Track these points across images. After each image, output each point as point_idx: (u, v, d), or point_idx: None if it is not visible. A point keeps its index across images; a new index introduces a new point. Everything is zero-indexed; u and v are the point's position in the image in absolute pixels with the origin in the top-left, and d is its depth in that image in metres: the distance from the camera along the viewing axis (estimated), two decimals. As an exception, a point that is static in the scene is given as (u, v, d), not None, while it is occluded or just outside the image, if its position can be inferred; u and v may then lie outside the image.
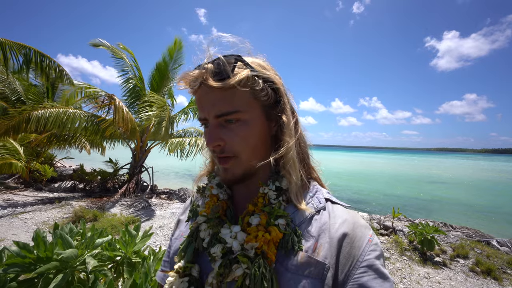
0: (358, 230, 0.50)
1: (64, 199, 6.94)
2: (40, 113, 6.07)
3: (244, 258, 0.46)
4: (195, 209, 0.62)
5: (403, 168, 38.90)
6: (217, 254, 0.49)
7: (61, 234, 1.37)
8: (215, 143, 0.49)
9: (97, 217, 5.19)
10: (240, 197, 0.60)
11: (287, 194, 0.54)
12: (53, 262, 1.33)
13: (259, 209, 0.52)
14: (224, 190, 0.59)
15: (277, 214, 0.51)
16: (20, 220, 5.14)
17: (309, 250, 0.47)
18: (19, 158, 7.98)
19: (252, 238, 0.48)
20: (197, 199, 0.64)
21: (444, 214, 9.75)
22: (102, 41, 7.44)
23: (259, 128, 0.51)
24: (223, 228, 0.52)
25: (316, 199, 0.55)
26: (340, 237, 0.48)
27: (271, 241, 0.47)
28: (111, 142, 8.89)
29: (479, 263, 4.02)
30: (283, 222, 0.49)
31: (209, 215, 0.55)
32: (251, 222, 0.50)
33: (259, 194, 0.54)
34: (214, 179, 0.62)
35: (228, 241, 0.49)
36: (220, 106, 0.48)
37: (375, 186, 17.23)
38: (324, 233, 0.49)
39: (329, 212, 0.53)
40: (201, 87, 0.49)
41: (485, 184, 21.80)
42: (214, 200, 0.58)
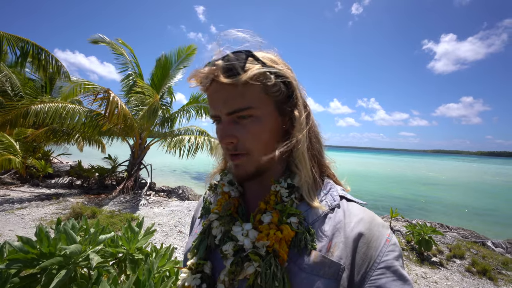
0: (375, 229, 0.49)
1: (61, 195, 6.89)
2: (39, 107, 6.00)
3: (256, 256, 0.46)
4: (208, 206, 0.62)
5: (400, 169, 39.18)
6: (229, 251, 0.49)
7: (65, 229, 1.36)
8: (228, 140, 0.49)
9: (95, 213, 5.17)
10: (252, 194, 0.59)
11: (299, 191, 0.52)
12: (57, 258, 1.32)
13: (271, 207, 0.51)
14: (235, 188, 0.59)
15: (289, 212, 0.50)
16: (17, 216, 5.10)
17: (323, 250, 0.46)
18: (16, 154, 7.90)
19: (263, 236, 0.47)
20: (210, 196, 0.64)
21: (440, 215, 9.85)
22: (102, 37, 7.35)
23: (272, 124, 0.50)
24: (234, 226, 0.51)
25: (330, 196, 0.54)
26: (356, 237, 0.47)
27: (283, 240, 0.46)
28: (110, 139, 8.83)
29: (475, 263, 4.07)
30: (295, 220, 0.48)
31: (221, 212, 0.55)
32: (263, 220, 0.50)
33: (271, 192, 0.53)
34: (226, 176, 0.62)
35: (240, 238, 0.49)
36: (232, 103, 0.47)
37: (373, 186, 17.35)
38: (339, 232, 0.48)
39: (344, 210, 0.51)
40: (212, 84, 0.48)
41: (481, 186, 22.05)
42: (226, 197, 0.57)
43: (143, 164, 8.25)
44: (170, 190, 8.33)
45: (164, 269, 1.62)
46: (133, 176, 7.63)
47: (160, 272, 1.58)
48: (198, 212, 0.68)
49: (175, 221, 5.30)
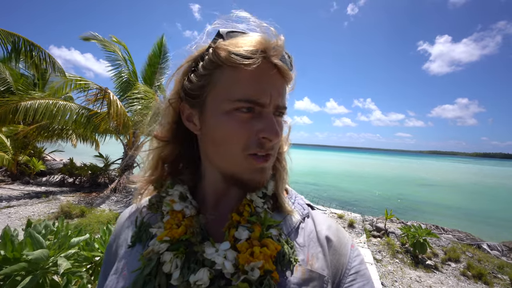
0: (342, 236, 0.49)
1: (52, 193, 6.74)
2: (28, 104, 5.87)
3: (244, 284, 0.37)
4: (145, 230, 0.47)
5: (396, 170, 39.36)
6: (203, 281, 0.37)
7: (31, 233, 1.26)
8: (280, 137, 0.42)
9: (85, 213, 5.04)
10: (211, 209, 0.48)
11: (271, 201, 0.47)
12: (21, 263, 1.21)
13: (245, 219, 0.43)
14: (189, 203, 0.46)
15: (268, 224, 0.43)
16: (4, 215, 4.95)
17: (303, 263, 0.43)
18: (6, 150, 7.73)
19: (247, 256, 0.39)
20: (146, 217, 0.49)
21: (436, 217, 9.84)
22: (94, 34, 7.22)
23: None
24: (207, 248, 0.41)
25: (299, 205, 0.51)
26: (330, 244, 0.46)
27: (269, 257, 0.40)
28: (103, 136, 8.69)
29: (471, 267, 4.02)
30: (276, 233, 0.43)
31: (174, 239, 0.42)
32: (239, 236, 0.41)
33: (245, 201, 0.45)
34: (172, 189, 0.48)
35: (218, 261, 0.39)
36: (283, 97, 0.43)
37: (369, 187, 17.35)
38: (314, 242, 0.45)
39: (313, 219, 0.50)
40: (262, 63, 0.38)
41: (477, 188, 22.18)
42: (179, 217, 0.44)
43: (137, 163, 8.12)
44: (164, 189, 8.22)
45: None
46: (126, 174, 7.50)
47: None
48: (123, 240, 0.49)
49: (167, 221, 5.21)
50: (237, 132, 0.39)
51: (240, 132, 0.39)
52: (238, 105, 0.39)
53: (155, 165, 0.50)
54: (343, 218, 5.87)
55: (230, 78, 0.39)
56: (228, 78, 0.39)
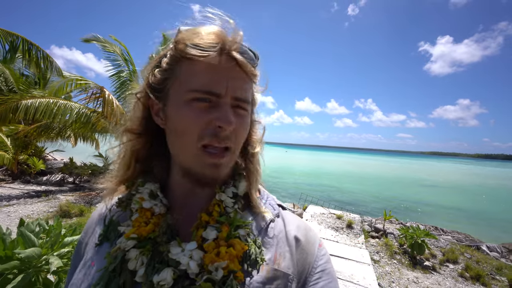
0: (311, 235, 0.50)
1: (52, 192, 6.76)
2: (29, 102, 5.87)
3: (207, 284, 0.37)
4: (114, 228, 0.47)
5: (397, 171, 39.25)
6: (167, 281, 0.38)
7: (22, 232, 1.27)
8: (234, 126, 0.40)
9: (83, 212, 5.05)
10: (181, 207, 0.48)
11: (242, 201, 0.48)
12: (13, 262, 1.22)
13: (214, 219, 0.44)
14: (159, 201, 0.46)
15: (236, 224, 0.44)
16: (3, 214, 4.97)
17: (270, 262, 0.44)
18: (7, 150, 7.77)
19: (213, 256, 0.39)
20: (115, 215, 0.49)
21: (436, 218, 9.81)
22: (95, 35, 7.22)
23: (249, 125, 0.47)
24: (173, 247, 0.41)
25: (270, 205, 0.52)
26: (298, 243, 0.48)
27: (235, 257, 0.41)
28: (104, 136, 8.72)
29: (469, 268, 4.00)
30: (244, 233, 0.44)
31: (142, 236, 0.42)
32: (207, 236, 0.41)
33: (215, 201, 0.45)
34: (142, 187, 0.48)
35: (183, 261, 0.39)
36: (243, 89, 0.42)
37: (369, 188, 17.31)
38: (282, 242, 0.47)
39: (283, 218, 0.51)
40: (222, 57, 0.40)
41: (477, 189, 22.08)
42: (147, 215, 0.44)
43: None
44: (164, 189, 8.24)
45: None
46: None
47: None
48: (92, 237, 0.50)
49: (165, 221, 5.22)
50: (193, 121, 0.40)
51: (196, 121, 0.40)
52: (195, 95, 0.39)
53: (127, 163, 0.49)
54: (341, 218, 5.86)
55: (188, 70, 0.40)
56: (187, 70, 0.40)
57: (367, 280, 3.32)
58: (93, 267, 0.44)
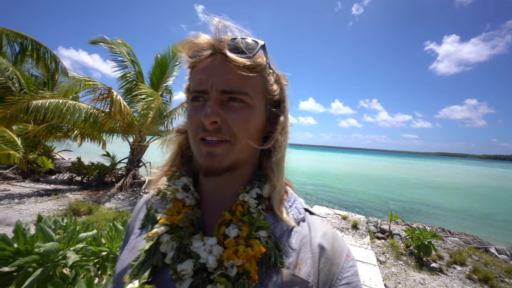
0: (337, 245, 0.49)
1: (61, 191, 6.90)
2: (39, 103, 6.02)
3: (222, 278, 0.40)
4: (152, 215, 0.52)
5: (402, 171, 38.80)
6: (187, 272, 0.41)
7: (42, 227, 1.32)
8: (214, 118, 0.42)
9: (92, 210, 5.15)
10: (211, 202, 0.51)
11: (266, 202, 0.49)
12: (33, 256, 1.28)
13: (237, 218, 0.46)
14: (191, 194, 0.51)
15: (258, 225, 0.45)
16: (15, 211, 5.10)
17: (291, 266, 0.43)
18: (17, 149, 7.95)
19: (231, 254, 0.41)
20: (156, 203, 0.54)
21: (443, 219, 9.68)
22: (102, 37, 7.37)
23: (259, 119, 0.47)
24: (195, 241, 0.44)
25: (295, 209, 0.52)
26: (321, 252, 0.46)
27: (253, 258, 0.42)
28: (110, 136, 8.86)
29: (477, 270, 3.96)
30: (264, 235, 0.44)
31: (174, 224, 0.47)
32: (229, 234, 0.44)
33: (238, 202, 0.47)
34: (178, 180, 0.53)
35: (203, 256, 0.42)
36: (232, 82, 0.43)
37: (374, 189, 17.17)
38: (305, 247, 0.46)
39: (309, 224, 0.50)
40: (210, 57, 0.44)
41: (486, 190, 21.69)
42: (179, 205, 0.49)
43: (143, 162, 8.25)
44: (169, 188, 8.32)
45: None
46: (131, 173, 7.62)
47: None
48: (137, 221, 0.56)
49: (172, 220, 5.28)
50: (191, 118, 0.45)
51: (193, 118, 0.45)
52: (192, 95, 0.46)
53: (172, 159, 0.56)
54: (347, 219, 5.85)
55: (192, 75, 0.47)
56: (191, 76, 0.48)
57: (373, 280, 3.32)
58: (135, 247, 0.50)
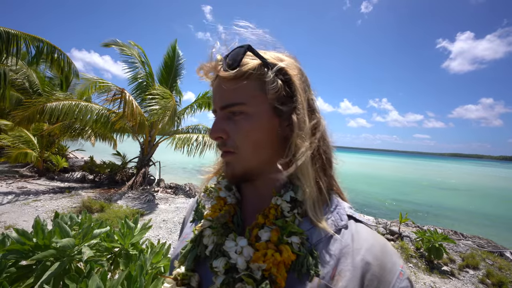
0: (388, 260, 0.43)
1: (74, 189, 7.14)
2: (54, 105, 6.27)
3: (250, 279, 0.41)
4: (201, 210, 0.58)
5: (414, 172, 37.94)
6: (219, 269, 0.44)
7: (59, 223, 1.39)
8: (216, 135, 0.48)
9: (104, 208, 5.31)
10: (249, 203, 0.54)
11: (302, 206, 0.47)
12: (51, 250, 1.34)
13: (270, 222, 0.46)
14: (233, 194, 0.54)
15: (290, 230, 0.44)
16: (32, 208, 5.32)
17: (326, 277, 0.40)
18: (34, 148, 8.27)
19: (260, 257, 0.42)
20: (204, 200, 0.60)
21: (455, 222, 9.43)
22: (114, 40, 7.60)
23: (264, 124, 0.46)
24: (227, 240, 0.46)
25: (337, 215, 0.48)
26: (366, 267, 0.41)
27: (281, 263, 0.41)
28: (121, 135, 9.08)
29: (490, 275, 3.85)
30: (297, 241, 0.43)
31: (214, 220, 0.50)
32: (260, 236, 0.45)
33: (271, 205, 0.47)
34: (223, 180, 0.57)
35: (233, 256, 0.44)
36: (226, 97, 0.46)
37: (383, 189, 16.87)
38: (346, 258, 0.42)
39: (352, 232, 0.45)
40: (216, 79, 0.49)
41: (501, 193, 20.93)
42: (221, 203, 0.53)
43: (152, 161, 8.42)
44: (178, 187, 8.44)
45: (158, 266, 1.62)
46: (142, 172, 7.79)
47: (154, 268, 1.58)
48: (190, 215, 0.62)
49: (180, 218, 5.36)
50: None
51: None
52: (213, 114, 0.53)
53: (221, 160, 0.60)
54: (355, 220, 5.79)
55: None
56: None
57: (382, 282, 3.28)
58: (185, 238, 0.56)
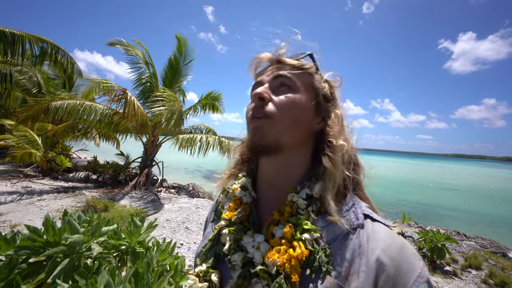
0: (405, 261, 0.41)
1: (78, 189, 7.20)
2: (58, 104, 6.32)
3: (265, 274, 0.42)
4: (220, 210, 0.60)
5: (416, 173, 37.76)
6: (237, 263, 0.46)
7: (69, 220, 1.42)
8: (261, 94, 0.50)
9: (108, 207, 5.35)
10: (266, 201, 0.55)
11: (317, 204, 0.48)
12: (61, 247, 1.38)
13: (285, 218, 0.47)
14: (249, 193, 0.56)
15: (304, 227, 0.45)
16: (36, 207, 5.38)
17: (340, 276, 0.40)
18: (38, 148, 8.35)
19: (274, 252, 0.43)
20: (223, 200, 0.62)
21: (458, 222, 9.39)
22: (119, 39, 7.65)
23: (304, 104, 0.51)
24: (245, 236, 0.49)
25: (353, 213, 0.47)
26: (381, 268, 0.40)
27: (295, 259, 0.42)
28: (124, 136, 9.15)
29: (493, 275, 3.84)
30: (310, 237, 0.44)
31: (232, 219, 0.52)
32: (275, 233, 0.46)
33: (287, 202, 0.48)
34: (239, 180, 0.59)
35: (250, 251, 0.46)
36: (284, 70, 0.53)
37: (386, 190, 16.82)
38: (360, 258, 0.41)
39: (368, 232, 0.44)
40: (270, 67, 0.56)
41: (504, 193, 20.79)
42: (237, 203, 0.54)
43: (155, 161, 8.47)
44: (180, 187, 8.49)
45: (164, 263, 1.65)
46: (145, 172, 7.84)
47: (160, 266, 1.61)
48: (211, 215, 0.65)
49: (183, 218, 5.40)
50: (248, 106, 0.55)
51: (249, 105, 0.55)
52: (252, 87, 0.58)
53: (236, 161, 0.65)
54: (357, 220, 5.80)
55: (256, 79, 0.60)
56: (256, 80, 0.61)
57: (384, 282, 3.29)
58: (207, 237, 0.59)
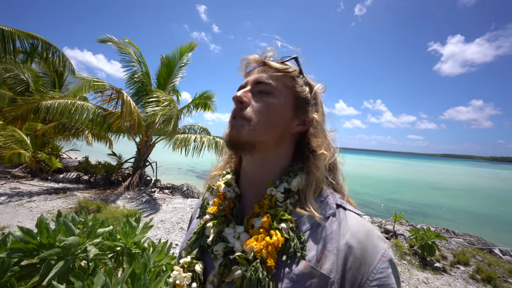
0: (370, 244, 0.45)
1: (69, 189, 7.05)
2: (49, 103, 6.15)
3: (244, 261, 0.46)
4: (205, 206, 0.64)
5: (407, 173, 38.51)
6: (219, 252, 0.50)
7: (65, 222, 1.41)
8: (240, 98, 0.54)
9: (100, 208, 5.27)
10: (248, 196, 0.59)
11: (295, 196, 0.52)
12: (56, 249, 1.36)
13: (264, 211, 0.51)
14: (232, 189, 0.60)
15: (281, 217, 0.49)
16: (26, 209, 5.24)
17: (313, 260, 0.44)
18: (27, 148, 8.13)
19: (252, 240, 0.47)
20: (208, 197, 0.66)
21: (447, 220, 9.64)
22: (110, 37, 7.49)
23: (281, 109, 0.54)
24: (227, 228, 0.53)
25: (327, 204, 0.51)
26: (349, 250, 0.44)
27: (272, 246, 0.46)
28: (117, 136, 9.00)
29: (480, 270, 3.98)
30: (286, 226, 0.48)
31: (216, 213, 0.57)
32: (255, 224, 0.50)
33: (266, 196, 0.53)
34: (224, 177, 0.63)
35: (231, 241, 0.50)
36: (263, 76, 0.56)
37: (379, 189, 17.10)
38: (331, 243, 0.45)
39: (340, 220, 0.49)
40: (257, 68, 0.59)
41: (491, 192, 21.44)
42: (222, 198, 0.58)
43: (149, 162, 8.37)
44: (175, 188, 8.42)
45: (160, 264, 1.65)
46: (138, 172, 7.75)
47: (156, 267, 1.61)
48: (197, 212, 0.69)
49: (178, 218, 5.37)
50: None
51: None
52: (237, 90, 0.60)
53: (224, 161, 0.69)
54: (350, 219, 5.88)
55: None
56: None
57: (377, 279, 3.36)
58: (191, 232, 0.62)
